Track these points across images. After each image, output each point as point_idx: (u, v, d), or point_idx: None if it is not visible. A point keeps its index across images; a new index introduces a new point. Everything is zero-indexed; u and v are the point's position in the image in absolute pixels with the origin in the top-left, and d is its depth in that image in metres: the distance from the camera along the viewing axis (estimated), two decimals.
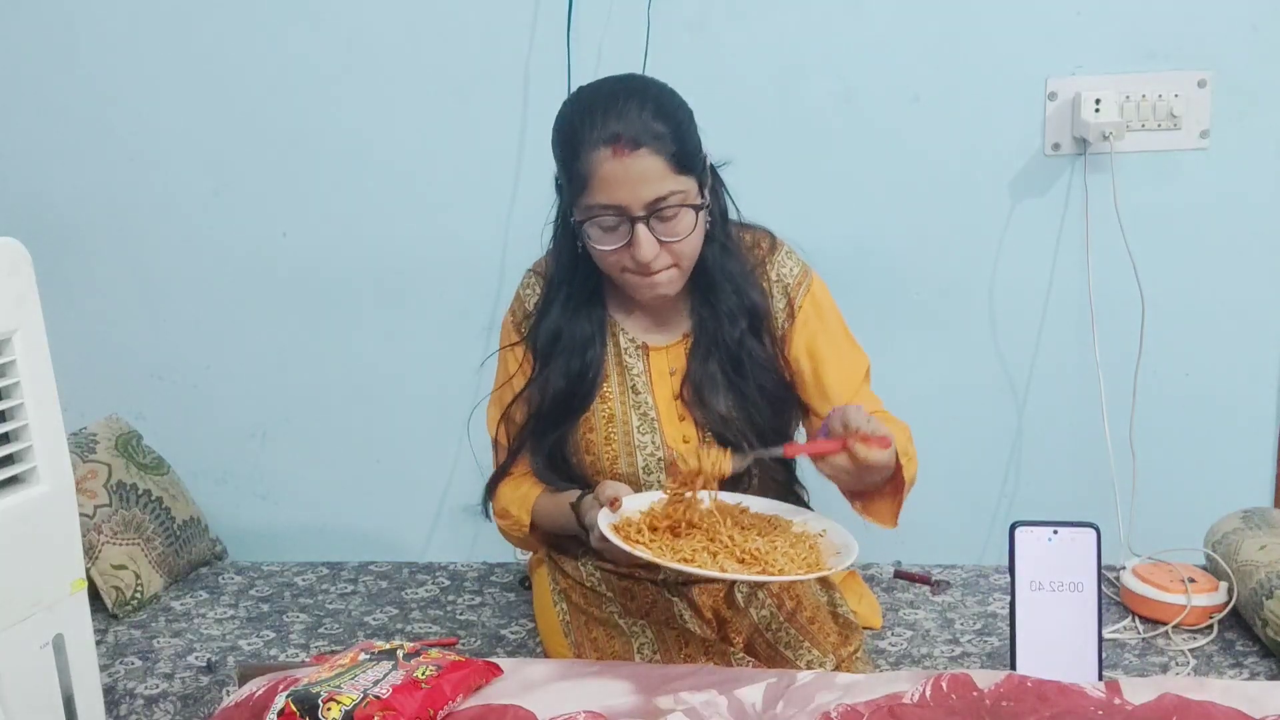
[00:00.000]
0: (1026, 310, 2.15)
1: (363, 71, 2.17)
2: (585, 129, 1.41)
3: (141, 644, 1.89)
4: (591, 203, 1.41)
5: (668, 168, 1.40)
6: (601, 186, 1.40)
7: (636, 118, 1.40)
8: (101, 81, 2.22)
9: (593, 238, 1.44)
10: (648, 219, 1.40)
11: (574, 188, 1.43)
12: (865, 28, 2.08)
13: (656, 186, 1.39)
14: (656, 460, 1.56)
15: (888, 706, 1.18)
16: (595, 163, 1.39)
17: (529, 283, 1.63)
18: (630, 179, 1.39)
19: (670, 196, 1.40)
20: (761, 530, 1.37)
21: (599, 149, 1.39)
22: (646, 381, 1.57)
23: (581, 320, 1.56)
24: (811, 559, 1.32)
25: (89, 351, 2.30)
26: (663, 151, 1.39)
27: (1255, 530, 1.83)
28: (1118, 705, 1.17)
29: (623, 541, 1.31)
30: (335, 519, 2.36)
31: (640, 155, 1.38)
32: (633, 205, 1.40)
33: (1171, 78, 2.03)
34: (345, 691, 1.14)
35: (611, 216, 1.41)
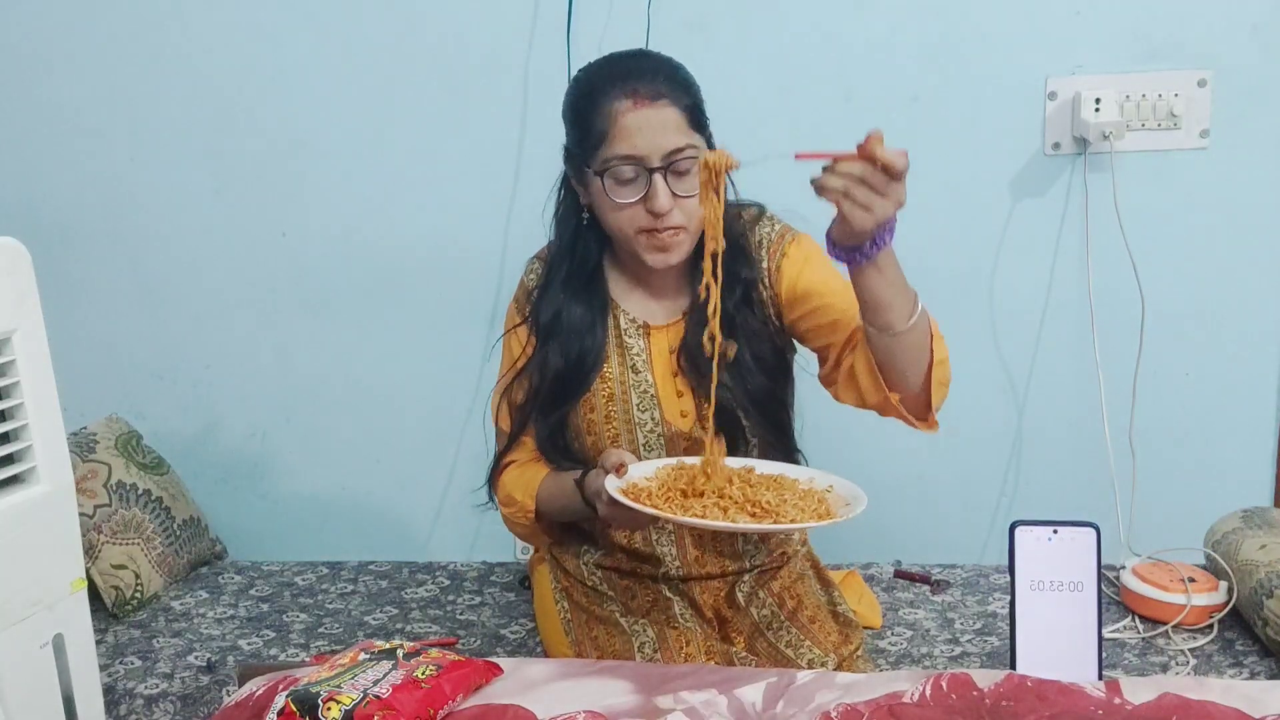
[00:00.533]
0: (1026, 310, 2.15)
1: (362, 71, 2.17)
2: (606, 83, 1.44)
3: (141, 644, 1.89)
4: (610, 154, 1.43)
5: (685, 121, 1.43)
6: (621, 135, 1.42)
7: (655, 73, 1.44)
8: (101, 81, 2.22)
9: (609, 190, 1.45)
10: (665, 170, 1.42)
11: (591, 141, 1.44)
12: (865, 28, 2.08)
13: (675, 138, 1.42)
14: (656, 437, 1.57)
15: (888, 706, 1.18)
16: (616, 113, 1.42)
17: (533, 269, 1.64)
18: (650, 128, 1.41)
19: (686, 149, 1.42)
20: (769, 487, 1.37)
21: (620, 100, 1.42)
22: (646, 360, 1.57)
23: (582, 302, 1.56)
24: (821, 510, 1.34)
25: (89, 351, 2.30)
26: (680, 104, 1.43)
27: (1255, 530, 1.83)
28: (1118, 705, 1.17)
29: (636, 504, 1.31)
30: (335, 518, 2.36)
31: (660, 106, 1.41)
32: (651, 155, 1.41)
33: (1171, 77, 2.03)
34: (345, 691, 1.14)
35: (630, 167, 1.42)
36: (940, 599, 1.94)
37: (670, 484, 1.38)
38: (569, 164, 1.54)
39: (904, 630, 1.83)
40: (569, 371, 1.56)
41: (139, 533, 2.05)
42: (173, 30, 2.19)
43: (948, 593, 1.96)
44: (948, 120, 2.09)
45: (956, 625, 1.84)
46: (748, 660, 1.54)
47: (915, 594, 1.97)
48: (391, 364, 2.28)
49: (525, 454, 1.63)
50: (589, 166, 1.46)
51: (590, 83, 1.47)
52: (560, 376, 1.56)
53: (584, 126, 1.46)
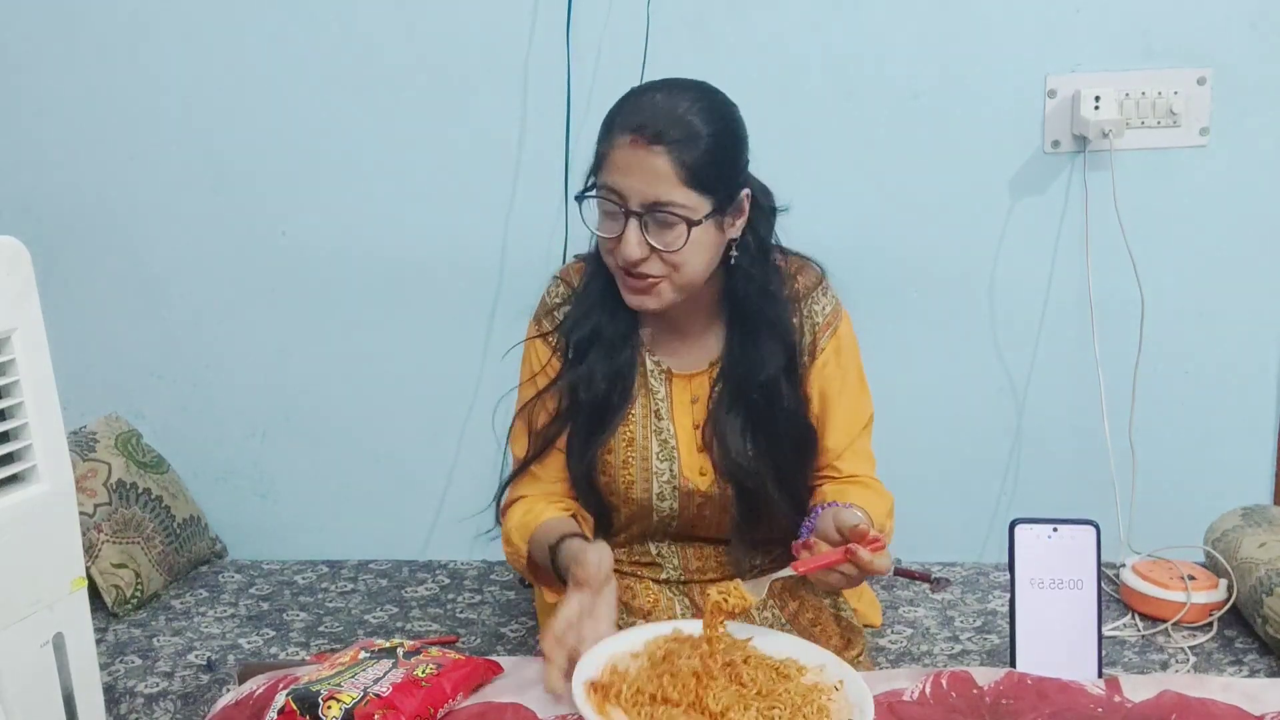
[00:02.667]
0: (1026, 308, 2.15)
1: (362, 70, 2.17)
2: (620, 111, 1.41)
3: (142, 642, 1.89)
4: (600, 181, 1.41)
5: (678, 177, 1.36)
6: (611, 168, 1.39)
7: (669, 115, 1.37)
8: (100, 80, 2.22)
9: (593, 219, 1.43)
10: (642, 218, 1.38)
11: (594, 164, 1.43)
12: (865, 25, 2.07)
13: (659, 190, 1.36)
14: (671, 489, 1.54)
15: (887, 704, 1.18)
16: (614, 144, 1.38)
17: (554, 289, 1.58)
18: (639, 171, 1.36)
19: (671, 206, 1.36)
20: (764, 686, 1.15)
21: (623, 133, 1.38)
22: (668, 408, 1.53)
23: (614, 321, 1.51)
24: None
25: (89, 350, 2.30)
26: (678, 158, 1.35)
27: (1255, 527, 1.83)
28: (1117, 703, 1.17)
29: (595, 713, 1.11)
30: (335, 517, 2.36)
31: (655, 152, 1.35)
32: (631, 199, 1.37)
33: (1171, 75, 2.03)
34: (345, 690, 1.14)
35: (611, 203, 1.39)
36: (940, 597, 1.94)
37: (644, 685, 1.15)
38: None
39: (904, 628, 1.83)
40: (604, 393, 1.51)
41: (139, 532, 2.05)
42: (172, 29, 2.18)
43: (948, 591, 1.96)
44: (947, 118, 2.09)
45: (956, 623, 1.85)
46: None
47: (915, 592, 1.97)
48: (391, 362, 2.28)
49: (533, 487, 1.56)
50: (584, 187, 1.44)
51: (614, 106, 1.44)
52: (593, 400, 1.50)
53: (597, 143, 1.43)
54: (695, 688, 1.14)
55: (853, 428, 1.54)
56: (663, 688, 1.13)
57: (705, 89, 1.44)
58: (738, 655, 1.20)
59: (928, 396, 2.19)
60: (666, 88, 1.42)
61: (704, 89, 1.44)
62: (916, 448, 2.20)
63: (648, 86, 1.45)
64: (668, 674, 1.16)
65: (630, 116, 1.38)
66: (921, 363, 2.17)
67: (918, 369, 2.17)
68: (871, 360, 1.62)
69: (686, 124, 1.37)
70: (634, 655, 1.21)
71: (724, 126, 1.41)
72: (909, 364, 2.16)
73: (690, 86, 1.43)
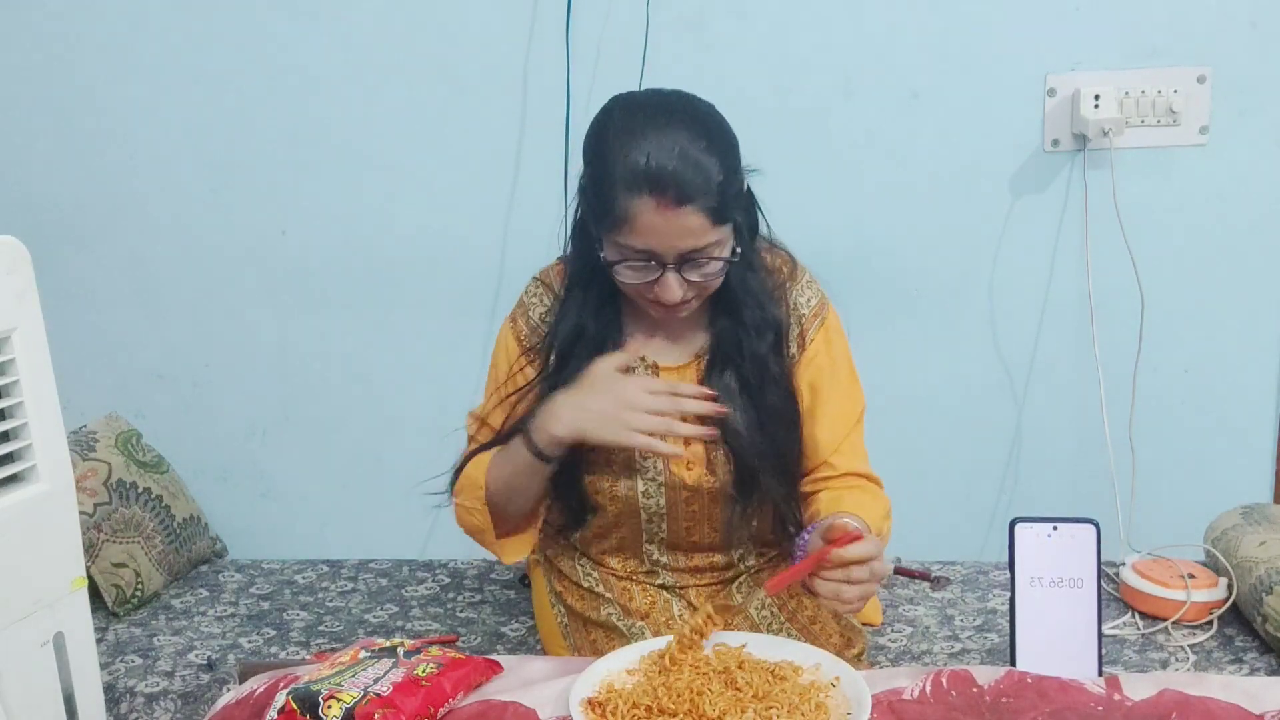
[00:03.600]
0: (1026, 307, 2.15)
1: (361, 69, 2.17)
2: (631, 166, 1.34)
3: (142, 642, 1.89)
4: (625, 243, 1.37)
5: (708, 222, 1.35)
6: (639, 233, 1.35)
7: (685, 165, 1.33)
8: (100, 80, 2.22)
9: (618, 272, 1.41)
10: (679, 265, 1.38)
11: (608, 222, 1.37)
12: (864, 25, 2.08)
13: (695, 240, 1.36)
14: (657, 486, 1.54)
15: (887, 702, 1.18)
16: (636, 209, 1.34)
17: (534, 291, 1.58)
18: (670, 233, 1.34)
19: (707, 251, 1.37)
20: (760, 689, 1.16)
21: (642, 195, 1.33)
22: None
23: (600, 320, 1.51)
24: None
25: (89, 350, 2.30)
26: (706, 206, 1.34)
27: (1255, 526, 1.83)
28: (1117, 701, 1.17)
29: None
30: (335, 516, 2.36)
31: (684, 212, 1.33)
32: (667, 254, 1.36)
33: (1171, 74, 2.03)
34: (346, 689, 1.14)
35: (643, 260, 1.38)
36: (940, 596, 1.94)
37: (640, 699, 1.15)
38: (583, 201, 1.46)
39: (904, 627, 1.83)
40: None
41: (139, 531, 2.05)
42: (172, 28, 2.19)
43: (948, 589, 1.96)
44: (947, 117, 2.09)
45: (956, 622, 1.85)
46: None
47: (915, 591, 1.97)
48: (391, 362, 2.28)
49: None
50: (600, 244, 1.41)
51: (614, 150, 1.36)
52: None
53: (600, 199, 1.38)
54: (690, 696, 1.14)
55: (846, 421, 1.53)
56: (659, 700, 1.14)
57: (692, 108, 1.41)
58: (732, 662, 1.21)
59: (927, 395, 2.19)
60: (656, 127, 1.35)
61: (691, 109, 1.41)
62: (916, 447, 2.20)
63: (639, 122, 1.37)
64: (663, 686, 1.16)
65: (645, 178, 1.33)
66: (921, 361, 2.17)
67: (917, 368, 2.17)
68: (871, 359, 1.62)
69: (701, 168, 1.34)
70: (630, 672, 1.22)
71: (725, 147, 1.39)
72: (908, 363, 2.16)
73: (679, 112, 1.39)
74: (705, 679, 1.17)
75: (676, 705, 1.13)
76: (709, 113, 1.42)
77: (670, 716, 1.12)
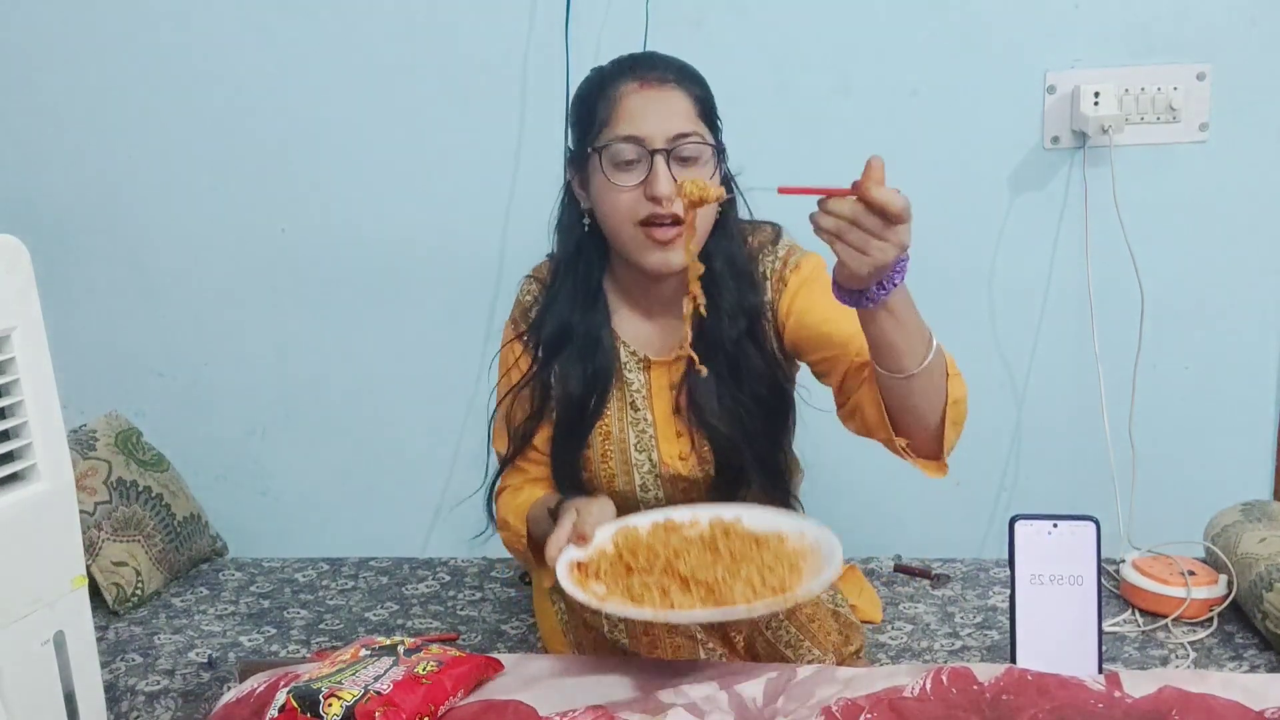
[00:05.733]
0: (1026, 304, 2.15)
1: (360, 67, 2.17)
2: (614, 72, 1.43)
3: (142, 641, 1.89)
4: (612, 135, 1.39)
5: (693, 109, 1.40)
6: (625, 117, 1.39)
7: (664, 64, 1.43)
8: (99, 78, 2.22)
9: (607, 172, 1.40)
10: (668, 155, 1.38)
11: (594, 128, 1.41)
12: (863, 22, 2.07)
13: (680, 122, 1.39)
14: (654, 479, 1.54)
15: (888, 700, 1.18)
16: (621, 95, 1.40)
17: (528, 288, 1.60)
18: (655, 110, 1.39)
19: (693, 135, 1.39)
20: (740, 553, 1.26)
21: (627, 83, 1.40)
22: (646, 397, 1.53)
23: (587, 319, 1.51)
24: (777, 583, 1.22)
25: (88, 348, 2.30)
26: (691, 93, 1.41)
27: (1255, 523, 1.83)
28: (1118, 698, 1.17)
29: (576, 586, 1.24)
30: (335, 515, 2.36)
31: (668, 89, 1.40)
32: (654, 136, 1.38)
33: (1170, 71, 2.03)
34: (346, 687, 1.14)
35: (630, 147, 1.39)
36: (940, 593, 1.94)
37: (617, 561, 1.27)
38: (571, 166, 1.50)
39: (904, 624, 1.83)
40: (584, 391, 1.51)
41: (139, 530, 2.05)
42: (171, 27, 2.19)
43: (948, 587, 1.96)
44: (947, 114, 2.09)
45: (957, 619, 1.85)
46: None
47: (915, 588, 1.97)
48: (391, 360, 2.28)
49: (519, 478, 1.60)
50: (589, 151, 1.42)
51: (597, 75, 1.46)
52: (576, 399, 1.51)
53: (587, 116, 1.43)
54: (668, 556, 1.26)
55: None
56: (638, 560, 1.26)
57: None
58: (719, 531, 1.30)
59: None
60: (634, 54, 1.48)
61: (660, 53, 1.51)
62: None
63: (611, 61, 1.48)
64: (645, 548, 1.28)
65: (626, 70, 1.42)
66: None
67: None
68: None
69: (681, 66, 1.44)
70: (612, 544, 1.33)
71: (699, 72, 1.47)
72: None
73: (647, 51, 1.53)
74: (687, 543, 1.28)
75: (652, 564, 1.25)
76: None
77: (645, 574, 1.24)
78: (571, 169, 1.51)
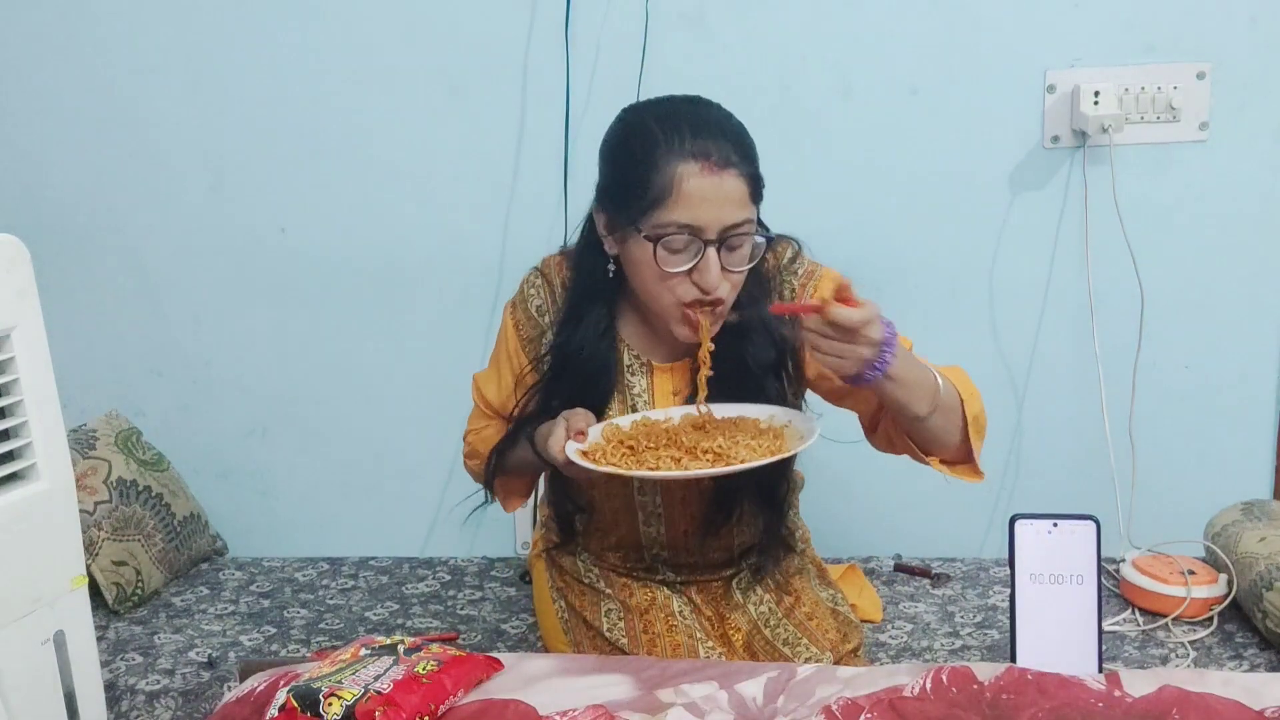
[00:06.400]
0: (1025, 303, 2.15)
1: (360, 66, 2.17)
2: (673, 139, 1.33)
3: (142, 640, 1.89)
4: (669, 219, 1.33)
5: (747, 194, 1.35)
6: (684, 202, 1.32)
7: (725, 136, 1.34)
8: (99, 77, 2.22)
9: (659, 259, 1.35)
10: (719, 244, 1.35)
11: (645, 199, 1.34)
12: (863, 21, 2.07)
13: (736, 211, 1.34)
14: (652, 483, 1.53)
15: (888, 699, 1.18)
16: (682, 176, 1.32)
17: (533, 282, 1.57)
18: (717, 198, 1.32)
19: (745, 224, 1.35)
20: (727, 431, 1.39)
21: (687, 162, 1.32)
22: (648, 401, 1.52)
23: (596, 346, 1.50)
24: (775, 446, 1.35)
25: (88, 348, 2.30)
26: (745, 176, 1.34)
27: (1255, 522, 1.83)
28: (1118, 697, 1.17)
29: (592, 464, 1.34)
30: (335, 514, 2.36)
31: (728, 175, 1.32)
32: (710, 227, 1.33)
33: (1170, 70, 2.03)
34: (346, 686, 1.14)
35: (684, 236, 1.34)
36: (940, 592, 1.94)
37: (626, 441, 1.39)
38: (602, 211, 1.43)
39: (904, 624, 1.83)
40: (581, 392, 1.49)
41: (139, 529, 2.05)
42: (171, 26, 2.18)
43: (948, 586, 1.96)
44: (947, 114, 2.09)
45: (957, 618, 1.85)
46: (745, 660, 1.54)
47: (915, 587, 1.97)
48: (391, 359, 2.28)
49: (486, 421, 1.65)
50: (637, 227, 1.36)
51: (648, 131, 1.35)
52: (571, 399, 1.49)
53: (638, 180, 1.34)
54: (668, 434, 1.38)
55: None
56: (639, 442, 1.37)
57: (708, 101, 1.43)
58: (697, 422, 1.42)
59: None
60: (688, 104, 1.39)
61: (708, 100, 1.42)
62: None
63: (668, 108, 1.39)
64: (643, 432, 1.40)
65: (689, 143, 1.32)
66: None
67: None
68: None
69: (741, 136, 1.36)
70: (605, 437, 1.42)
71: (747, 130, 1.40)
72: None
73: (696, 100, 1.42)
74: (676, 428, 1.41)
75: (656, 442, 1.37)
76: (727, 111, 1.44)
77: (652, 451, 1.35)
78: (602, 214, 1.44)
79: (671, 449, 1.36)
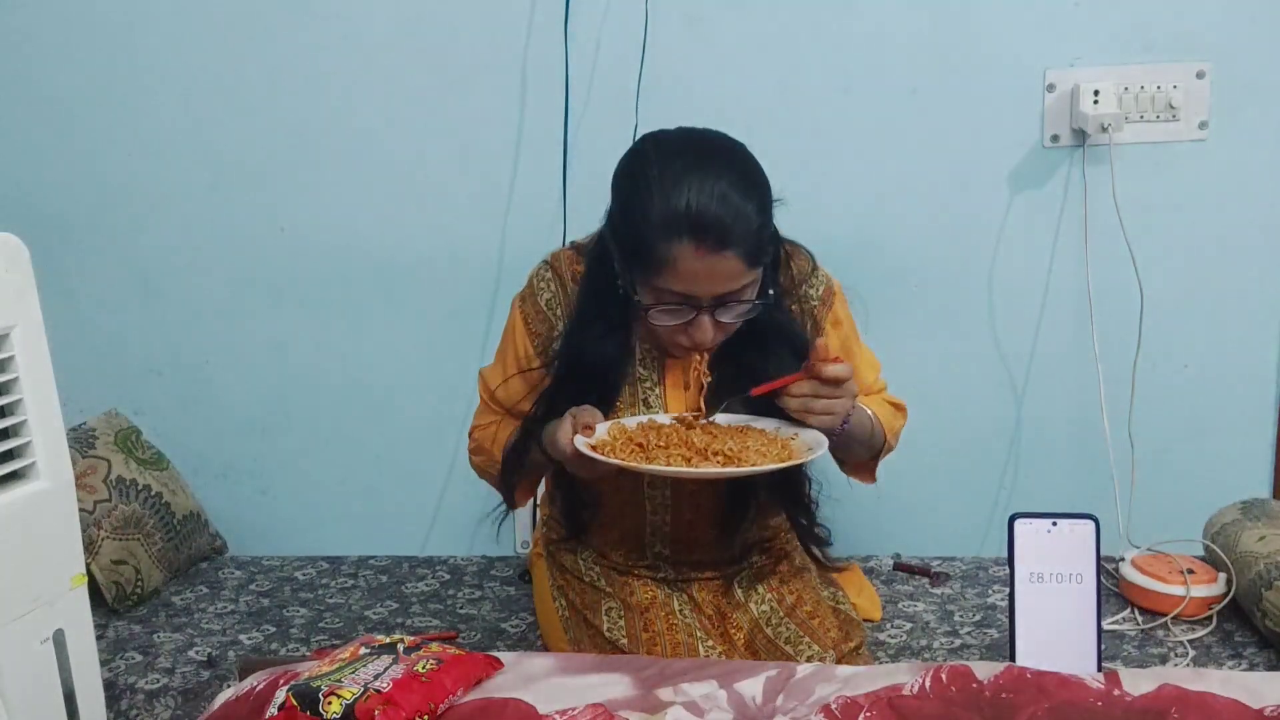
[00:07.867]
0: (1025, 302, 2.15)
1: (360, 65, 2.17)
2: (671, 210, 1.33)
3: (142, 639, 1.89)
4: (662, 287, 1.37)
5: (745, 267, 1.36)
6: (677, 277, 1.35)
7: (726, 210, 1.33)
8: (99, 76, 2.22)
9: (651, 315, 1.41)
10: (714, 308, 1.39)
11: (644, 265, 1.37)
12: (863, 20, 2.07)
13: (730, 284, 1.37)
14: (662, 480, 1.54)
15: (887, 698, 1.18)
16: (676, 253, 1.34)
17: (543, 275, 1.57)
18: (709, 277, 1.35)
19: (741, 294, 1.39)
20: (733, 436, 1.42)
21: (683, 240, 1.33)
22: (660, 395, 1.54)
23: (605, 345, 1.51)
24: (783, 454, 1.39)
25: (88, 347, 2.30)
26: (744, 252, 1.35)
27: (1254, 521, 1.83)
28: (1117, 696, 1.17)
29: (603, 456, 1.36)
30: (335, 513, 2.36)
31: (724, 257, 1.34)
32: (704, 296, 1.37)
33: (1170, 69, 2.03)
34: (346, 685, 1.14)
35: (677, 303, 1.39)
36: (940, 591, 1.94)
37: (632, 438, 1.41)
38: (613, 241, 1.44)
39: (903, 623, 1.84)
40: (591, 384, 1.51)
41: (139, 528, 2.05)
42: (170, 25, 2.18)
43: (947, 585, 1.97)
44: (946, 113, 2.09)
45: (956, 617, 1.85)
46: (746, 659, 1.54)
47: (915, 586, 1.97)
48: (391, 358, 2.28)
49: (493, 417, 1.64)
50: (634, 287, 1.40)
51: (652, 191, 1.35)
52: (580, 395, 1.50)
53: (640, 243, 1.37)
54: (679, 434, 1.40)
55: (871, 376, 1.61)
56: (649, 440, 1.40)
57: (728, 151, 1.41)
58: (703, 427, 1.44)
59: (927, 391, 2.18)
60: (695, 170, 1.35)
61: (728, 153, 1.40)
62: (916, 442, 2.18)
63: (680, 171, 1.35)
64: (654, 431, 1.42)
65: (686, 218, 1.33)
66: (920, 358, 2.17)
67: (917, 364, 2.16)
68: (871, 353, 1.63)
69: (741, 214, 1.34)
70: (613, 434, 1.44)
71: (761, 190, 1.39)
72: (908, 359, 2.16)
73: (716, 155, 1.39)
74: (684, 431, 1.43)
75: (667, 442, 1.39)
76: (744, 155, 1.41)
77: (662, 449, 1.37)
78: (615, 247, 1.44)
79: (682, 449, 1.38)
